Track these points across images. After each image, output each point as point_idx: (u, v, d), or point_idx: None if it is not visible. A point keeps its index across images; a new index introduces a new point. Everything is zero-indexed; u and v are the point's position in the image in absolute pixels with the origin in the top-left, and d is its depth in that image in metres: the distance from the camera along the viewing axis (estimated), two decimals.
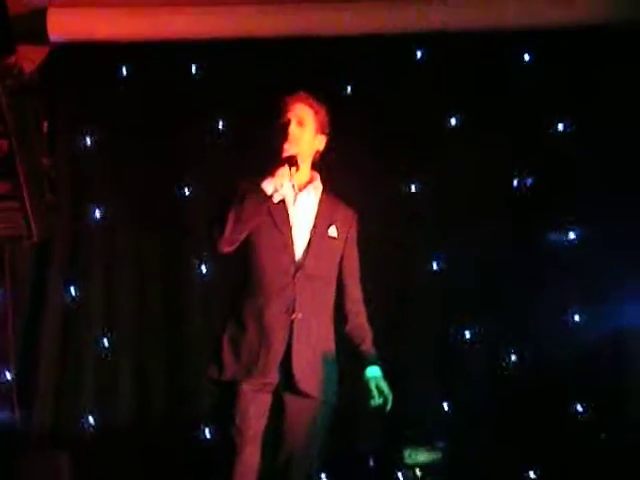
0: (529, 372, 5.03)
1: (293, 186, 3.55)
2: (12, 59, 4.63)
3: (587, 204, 5.03)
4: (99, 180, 5.14)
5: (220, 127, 5.16)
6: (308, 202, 3.57)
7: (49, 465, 4.48)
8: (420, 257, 5.19)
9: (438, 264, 5.19)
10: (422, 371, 5.11)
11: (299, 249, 3.49)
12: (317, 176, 3.63)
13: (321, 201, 3.59)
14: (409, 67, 5.20)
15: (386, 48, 5.15)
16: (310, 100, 3.60)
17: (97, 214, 5.10)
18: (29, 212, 4.76)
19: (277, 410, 3.43)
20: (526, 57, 5.21)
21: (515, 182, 5.18)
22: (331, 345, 3.55)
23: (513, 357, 5.10)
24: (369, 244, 5.17)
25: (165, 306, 5.11)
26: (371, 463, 5.02)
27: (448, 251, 5.17)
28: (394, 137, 5.16)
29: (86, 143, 5.11)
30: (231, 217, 3.38)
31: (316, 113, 3.60)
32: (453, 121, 5.21)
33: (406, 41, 5.18)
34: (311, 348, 3.44)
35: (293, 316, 3.41)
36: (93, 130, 5.12)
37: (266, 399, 3.40)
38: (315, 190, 3.60)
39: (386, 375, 3.85)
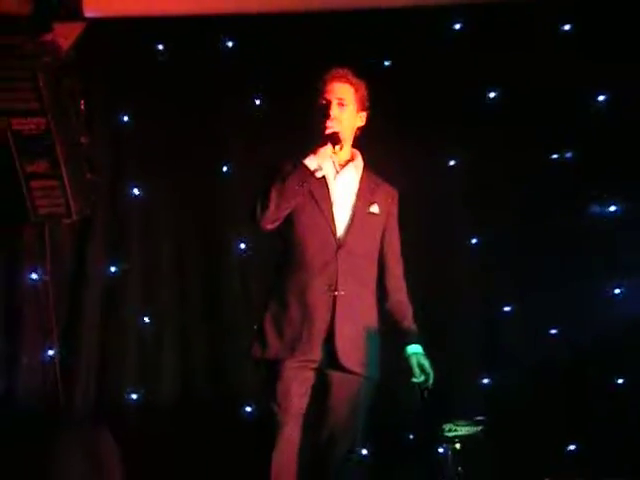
0: (569, 346, 5.05)
1: (334, 163, 3.58)
2: (48, 36, 4.67)
3: (628, 177, 5.00)
4: (137, 158, 5.16)
5: (258, 103, 5.16)
6: (349, 180, 3.61)
7: (92, 440, 4.54)
8: (459, 232, 5.21)
9: (477, 239, 5.21)
10: (462, 346, 5.14)
11: (340, 226, 3.53)
12: (358, 154, 3.68)
13: (362, 179, 3.64)
14: (448, 39, 5.17)
15: (425, 20, 5.13)
16: (349, 77, 3.61)
17: (136, 192, 5.13)
18: (68, 191, 4.82)
19: (320, 386, 3.48)
20: (566, 27, 5.17)
21: (555, 155, 5.17)
22: (374, 321, 3.59)
23: (553, 331, 5.11)
24: (407, 219, 5.23)
25: (205, 282, 5.15)
26: (411, 437, 5.07)
27: (487, 226, 5.18)
28: (432, 110, 5.14)
29: (124, 121, 5.12)
30: (274, 194, 3.42)
31: (356, 91, 3.62)
32: (492, 94, 5.19)
33: (445, 13, 5.15)
34: (354, 324, 3.48)
35: (336, 293, 3.44)
36: (131, 107, 5.14)
37: (309, 376, 3.45)
38: (356, 168, 3.64)
39: (426, 350, 3.93)
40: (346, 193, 3.58)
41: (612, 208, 5.11)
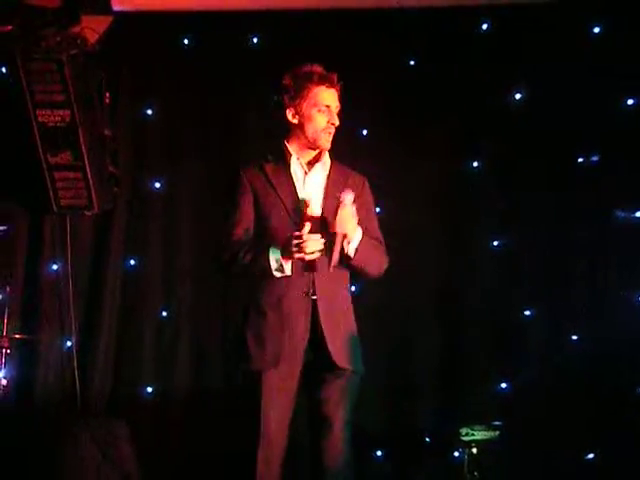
0: (590, 353, 5.09)
1: (302, 165, 3.65)
2: (76, 29, 4.81)
3: None
4: (160, 151, 5.28)
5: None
6: (318, 179, 3.65)
7: (107, 432, 4.63)
8: (481, 234, 5.27)
9: (499, 241, 5.26)
10: (481, 349, 5.20)
11: None
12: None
13: (329, 175, 3.67)
14: (474, 40, 5.25)
15: (451, 20, 5.22)
16: (336, 82, 3.64)
17: (157, 185, 5.25)
18: (90, 183, 4.95)
19: (311, 385, 3.56)
20: (595, 29, 5.23)
21: (580, 159, 5.22)
22: (351, 318, 3.66)
23: (574, 337, 5.15)
24: (429, 219, 5.30)
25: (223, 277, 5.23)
26: (427, 440, 5.14)
27: (510, 228, 5.25)
28: (457, 111, 5.23)
29: (147, 114, 5.25)
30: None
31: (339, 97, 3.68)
32: (518, 95, 5.25)
33: (472, 13, 5.25)
34: (337, 324, 3.55)
35: (314, 297, 3.51)
36: (155, 101, 5.26)
37: (293, 386, 3.53)
38: (324, 165, 3.68)
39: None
40: (315, 193, 3.63)
41: (638, 213, 5.13)
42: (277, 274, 3.46)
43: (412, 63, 5.30)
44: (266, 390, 3.48)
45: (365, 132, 5.27)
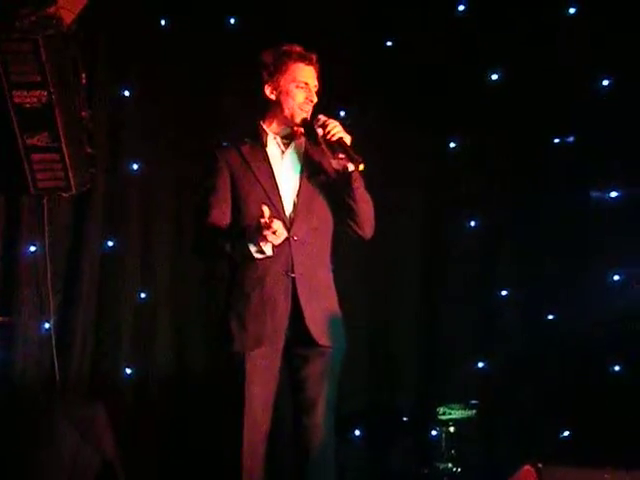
0: (566, 332, 5.14)
1: (279, 144, 3.67)
2: (52, 9, 4.74)
3: (630, 162, 5.10)
4: (137, 132, 5.26)
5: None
6: (295, 156, 3.68)
7: (86, 413, 4.61)
8: (458, 215, 5.29)
9: (476, 222, 5.28)
10: (458, 329, 5.23)
11: (289, 206, 3.60)
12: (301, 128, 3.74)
13: (307, 150, 3.70)
14: (451, 20, 5.26)
15: (428, 1, 5.20)
16: (315, 61, 3.67)
17: (135, 167, 5.23)
18: (68, 164, 4.90)
19: (293, 363, 3.59)
20: (571, 10, 5.24)
21: (556, 139, 5.24)
22: (333, 294, 3.69)
23: (550, 317, 5.19)
24: (405, 200, 5.31)
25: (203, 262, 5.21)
26: (405, 419, 5.16)
27: (486, 209, 5.27)
28: (433, 92, 5.23)
29: (124, 95, 5.22)
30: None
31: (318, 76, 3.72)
32: (494, 76, 5.26)
33: None
34: (317, 302, 3.59)
35: (292, 275, 3.54)
36: (132, 82, 5.23)
37: (275, 366, 3.57)
38: (300, 144, 3.71)
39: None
40: (294, 170, 3.66)
41: (613, 194, 5.16)
42: (258, 256, 3.46)
43: (389, 44, 5.29)
44: (249, 370, 3.52)
45: (342, 113, 5.25)
